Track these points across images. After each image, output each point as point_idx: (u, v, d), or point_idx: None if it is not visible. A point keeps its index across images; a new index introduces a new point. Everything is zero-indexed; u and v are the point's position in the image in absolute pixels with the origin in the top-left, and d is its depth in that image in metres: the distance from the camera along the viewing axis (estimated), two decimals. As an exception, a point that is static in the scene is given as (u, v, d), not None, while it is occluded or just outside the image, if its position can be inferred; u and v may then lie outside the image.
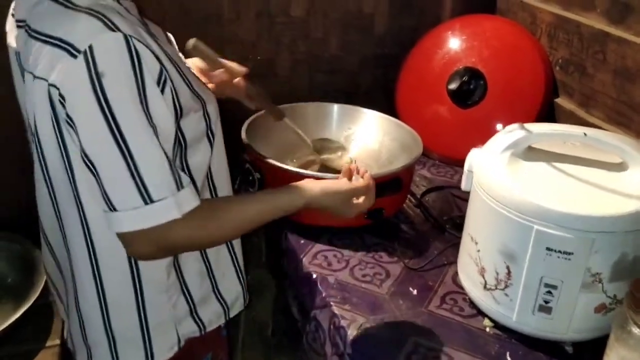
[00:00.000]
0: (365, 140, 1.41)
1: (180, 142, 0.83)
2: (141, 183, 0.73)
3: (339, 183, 0.96)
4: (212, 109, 0.90)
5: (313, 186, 0.92)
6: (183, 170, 0.84)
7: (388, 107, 1.59)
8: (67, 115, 0.74)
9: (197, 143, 0.87)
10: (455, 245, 1.13)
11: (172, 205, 0.75)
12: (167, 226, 0.75)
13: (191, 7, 1.44)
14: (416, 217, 1.29)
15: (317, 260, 1.11)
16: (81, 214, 0.82)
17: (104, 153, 0.73)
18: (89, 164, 0.75)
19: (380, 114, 1.41)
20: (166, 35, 0.92)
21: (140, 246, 0.77)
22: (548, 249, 0.85)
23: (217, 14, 1.47)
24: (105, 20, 0.73)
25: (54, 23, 0.76)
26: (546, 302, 0.88)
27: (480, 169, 0.95)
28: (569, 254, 0.84)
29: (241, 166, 1.24)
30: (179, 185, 0.76)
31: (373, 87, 1.72)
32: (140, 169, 0.73)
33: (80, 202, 0.81)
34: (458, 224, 1.24)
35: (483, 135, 1.47)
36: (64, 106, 0.73)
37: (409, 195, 1.31)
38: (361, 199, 0.97)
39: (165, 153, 0.75)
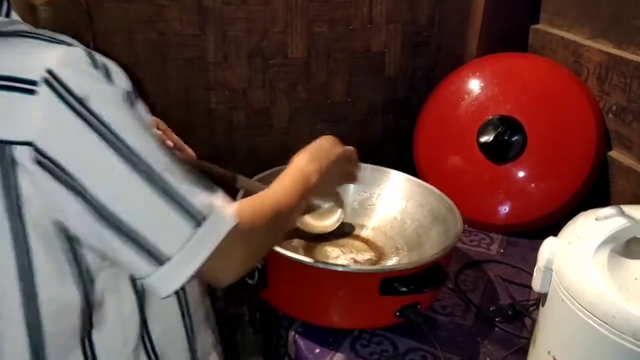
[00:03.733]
0: (384, 207, 1.16)
1: None
2: (187, 204, 0.60)
3: (319, 142, 0.87)
4: None
5: (308, 152, 0.84)
6: None
7: (401, 159, 1.36)
8: (64, 174, 0.55)
9: None
10: (517, 352, 0.89)
11: (222, 206, 0.63)
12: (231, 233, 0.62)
13: (168, 49, 1.19)
14: (454, 306, 1.03)
15: (340, 380, 0.85)
16: (30, 304, 0.62)
17: (134, 198, 0.58)
18: (110, 227, 0.58)
19: (403, 174, 1.16)
20: None
21: (232, 265, 0.64)
22: (684, 392, 0.60)
23: (200, 57, 1.22)
24: (49, 37, 0.57)
25: None
26: None
27: (566, 268, 0.70)
28: None
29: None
30: (212, 187, 0.64)
31: (383, 137, 1.48)
32: (179, 189, 0.59)
33: (36, 292, 0.62)
34: (510, 317, 0.99)
35: (522, 196, 1.24)
36: (47, 166, 0.55)
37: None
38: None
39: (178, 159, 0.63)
